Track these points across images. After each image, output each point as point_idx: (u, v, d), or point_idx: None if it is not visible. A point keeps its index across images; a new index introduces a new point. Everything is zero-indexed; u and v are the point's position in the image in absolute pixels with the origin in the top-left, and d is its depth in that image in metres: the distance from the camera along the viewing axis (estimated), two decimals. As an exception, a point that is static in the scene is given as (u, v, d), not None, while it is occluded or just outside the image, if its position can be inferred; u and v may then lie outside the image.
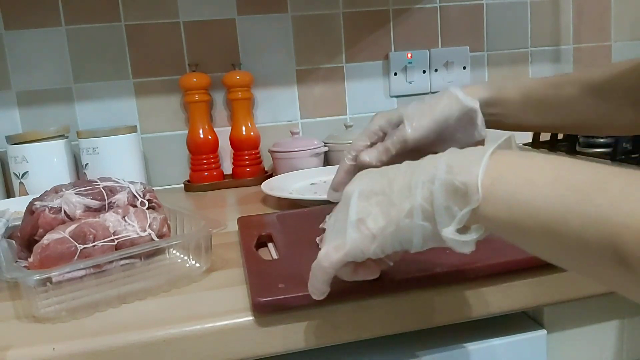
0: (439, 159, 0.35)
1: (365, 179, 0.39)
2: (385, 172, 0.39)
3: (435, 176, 0.34)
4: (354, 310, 0.43)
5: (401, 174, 0.37)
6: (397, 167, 0.38)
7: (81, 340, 0.40)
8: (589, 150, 0.91)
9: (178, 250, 0.56)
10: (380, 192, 0.37)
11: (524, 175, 0.31)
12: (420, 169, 0.35)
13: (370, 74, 1.10)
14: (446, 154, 0.35)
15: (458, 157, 0.34)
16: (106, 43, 0.99)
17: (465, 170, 0.32)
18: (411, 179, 0.35)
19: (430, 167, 0.35)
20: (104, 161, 0.89)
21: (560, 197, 0.28)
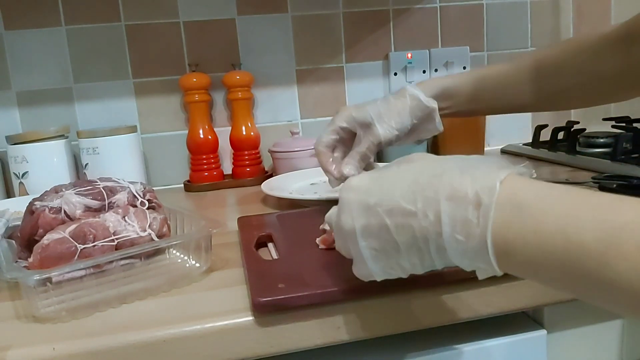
0: (437, 222, 0.32)
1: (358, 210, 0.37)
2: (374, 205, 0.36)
3: (446, 249, 0.32)
4: (354, 310, 0.43)
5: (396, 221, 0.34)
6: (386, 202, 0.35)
7: (81, 340, 0.40)
8: (589, 150, 0.91)
9: (178, 250, 0.56)
10: (384, 240, 0.35)
11: (535, 240, 0.29)
12: (421, 228, 0.33)
13: (370, 74, 1.10)
14: (441, 211, 0.32)
15: (459, 212, 0.31)
16: (106, 43, 0.99)
17: (475, 249, 0.31)
18: (416, 237, 0.34)
19: (433, 233, 0.33)
20: (104, 161, 0.89)
21: (578, 263, 0.27)
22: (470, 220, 0.31)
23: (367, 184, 0.38)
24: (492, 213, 0.30)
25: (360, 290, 0.42)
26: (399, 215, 0.34)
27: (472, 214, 0.31)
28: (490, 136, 1.14)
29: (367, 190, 0.37)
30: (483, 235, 0.30)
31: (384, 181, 0.37)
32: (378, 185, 0.37)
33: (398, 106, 0.63)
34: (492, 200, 0.30)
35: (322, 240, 0.52)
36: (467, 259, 0.32)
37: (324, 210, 0.56)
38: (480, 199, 0.31)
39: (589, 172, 0.83)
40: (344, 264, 0.47)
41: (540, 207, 0.29)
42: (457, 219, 0.31)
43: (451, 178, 0.32)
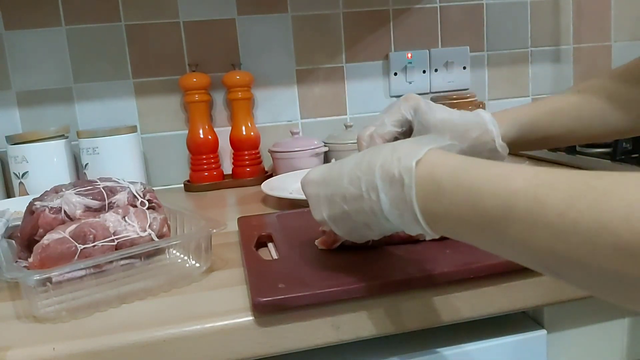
0: (375, 183, 0.38)
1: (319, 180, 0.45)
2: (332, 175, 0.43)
3: (383, 212, 0.38)
4: (354, 310, 0.43)
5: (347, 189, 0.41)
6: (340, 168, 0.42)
7: (81, 340, 0.40)
8: (589, 150, 0.91)
9: (178, 250, 0.56)
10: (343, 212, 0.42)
11: (453, 213, 0.33)
12: (363, 191, 0.39)
13: (370, 74, 1.10)
14: (377, 173, 0.38)
15: (392, 190, 0.37)
16: (106, 43, 0.99)
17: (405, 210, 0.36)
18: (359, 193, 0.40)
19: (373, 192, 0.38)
20: (104, 161, 0.89)
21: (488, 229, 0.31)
22: (400, 197, 0.36)
23: (323, 176, 0.43)
24: (413, 191, 0.35)
25: (360, 290, 0.42)
26: (351, 200, 0.40)
27: (400, 191, 0.36)
28: (490, 136, 1.14)
29: (323, 182, 0.43)
30: (412, 209, 0.35)
31: (335, 171, 0.42)
32: (331, 176, 0.42)
33: (467, 130, 0.53)
34: (412, 180, 0.35)
35: (321, 241, 0.52)
36: (407, 227, 0.37)
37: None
38: (403, 179, 0.35)
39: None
40: (344, 263, 0.47)
41: (453, 183, 0.33)
42: (390, 196, 0.37)
43: (384, 159, 0.37)
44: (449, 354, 0.47)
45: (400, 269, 0.45)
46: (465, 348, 0.48)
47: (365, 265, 0.46)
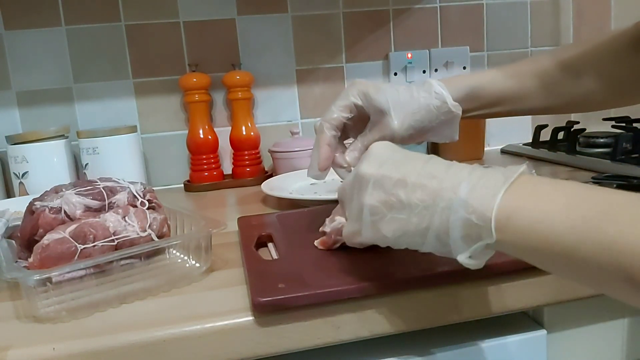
0: (458, 184, 0.36)
1: (379, 164, 0.40)
2: (401, 165, 0.39)
3: (452, 207, 0.35)
4: (354, 310, 0.43)
5: (420, 181, 0.37)
6: (414, 163, 0.39)
7: (81, 340, 0.40)
8: (589, 150, 0.91)
9: (178, 250, 0.56)
10: (396, 197, 0.38)
11: (538, 208, 0.32)
12: (440, 189, 0.36)
13: (370, 74, 1.10)
14: (465, 176, 0.36)
15: (476, 190, 0.35)
16: (106, 43, 0.99)
17: (480, 209, 0.34)
18: (430, 196, 0.36)
19: (449, 192, 0.36)
20: (104, 161, 0.89)
21: (574, 228, 0.30)
22: (488, 187, 0.35)
23: (401, 151, 0.42)
24: (511, 180, 0.34)
25: (359, 290, 0.42)
26: (423, 177, 0.37)
27: (492, 184, 0.35)
28: (490, 136, 1.14)
29: (399, 151, 0.42)
30: (492, 198, 0.34)
31: (418, 156, 0.41)
32: (412, 155, 0.41)
33: (420, 102, 0.56)
34: (514, 174, 0.34)
35: (321, 242, 0.52)
36: (467, 225, 0.34)
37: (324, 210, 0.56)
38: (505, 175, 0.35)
39: (589, 172, 0.83)
40: (343, 263, 0.47)
41: (551, 185, 0.34)
42: (475, 186, 0.35)
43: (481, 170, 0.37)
44: (449, 354, 0.47)
45: (400, 269, 0.45)
46: (465, 348, 0.48)
47: (365, 265, 0.46)
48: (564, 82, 0.61)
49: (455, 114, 0.57)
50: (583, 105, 0.64)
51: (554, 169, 0.89)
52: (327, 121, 0.55)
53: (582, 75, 0.60)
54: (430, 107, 0.56)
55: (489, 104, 0.61)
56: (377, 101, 0.55)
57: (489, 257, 0.37)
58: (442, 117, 0.57)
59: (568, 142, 0.93)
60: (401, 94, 0.56)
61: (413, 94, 0.56)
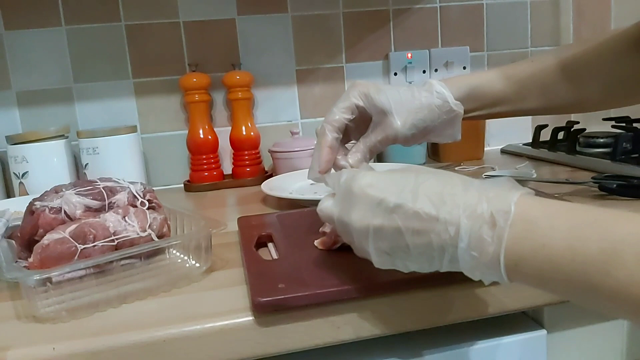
0: (456, 236, 0.34)
1: (373, 210, 0.38)
2: (394, 209, 0.37)
3: (459, 259, 0.35)
4: (354, 310, 0.43)
5: (414, 226, 0.36)
6: (406, 206, 0.36)
7: (81, 340, 0.40)
8: (589, 150, 0.91)
9: (178, 250, 0.56)
10: (397, 245, 0.37)
11: (542, 254, 0.32)
12: (439, 238, 0.35)
13: (370, 74, 1.10)
14: (461, 225, 0.34)
15: (474, 240, 0.34)
16: (106, 43, 0.99)
17: (488, 262, 0.33)
18: (431, 246, 0.36)
19: (450, 245, 0.35)
20: (104, 161, 0.89)
21: (581, 273, 0.30)
22: (485, 239, 0.33)
23: (385, 184, 0.38)
24: (506, 234, 0.32)
25: (360, 290, 0.42)
26: (417, 221, 0.36)
27: (487, 233, 0.33)
28: (490, 136, 1.14)
29: (386, 190, 0.38)
30: (496, 253, 0.33)
31: (404, 185, 0.37)
32: (398, 188, 0.37)
33: (422, 101, 0.55)
34: (507, 223, 0.33)
35: (320, 242, 0.52)
36: (478, 271, 0.35)
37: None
38: (495, 220, 0.33)
39: (589, 172, 0.83)
40: (343, 263, 0.47)
41: (548, 223, 0.32)
42: (473, 236, 0.34)
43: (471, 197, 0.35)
44: (449, 354, 0.47)
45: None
46: (465, 348, 0.48)
47: (365, 265, 0.46)
48: (563, 84, 0.60)
49: (457, 113, 0.57)
50: (583, 106, 0.64)
51: (554, 169, 0.89)
52: (329, 123, 0.55)
53: (581, 77, 0.60)
54: (432, 107, 0.56)
55: (489, 104, 0.60)
56: (379, 101, 0.54)
57: None
58: (444, 116, 0.56)
59: (568, 142, 0.93)
60: (402, 94, 0.55)
61: (414, 93, 0.56)
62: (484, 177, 0.80)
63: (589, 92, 0.61)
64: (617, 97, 0.62)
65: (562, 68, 0.61)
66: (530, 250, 0.32)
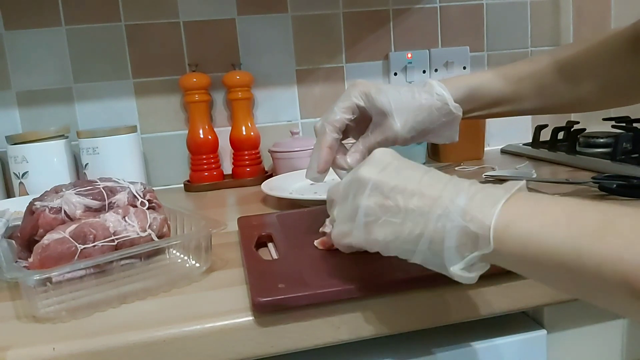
0: (456, 194, 0.35)
1: (380, 169, 0.40)
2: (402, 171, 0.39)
3: (449, 215, 0.34)
4: (354, 310, 0.43)
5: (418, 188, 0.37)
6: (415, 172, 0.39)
7: (81, 340, 0.40)
8: (589, 150, 0.91)
9: (178, 250, 0.56)
10: (393, 201, 0.37)
11: (537, 218, 0.32)
12: (438, 198, 0.36)
13: (370, 74, 1.10)
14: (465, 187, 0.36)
15: (475, 200, 0.34)
16: (106, 43, 0.99)
17: (479, 216, 0.33)
18: (427, 204, 0.36)
19: (447, 200, 0.35)
20: (104, 161, 0.89)
21: (574, 238, 0.30)
22: (488, 197, 0.34)
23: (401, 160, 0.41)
24: (507, 194, 0.34)
25: (360, 290, 0.42)
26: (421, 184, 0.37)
27: (489, 191, 0.35)
28: (490, 136, 1.14)
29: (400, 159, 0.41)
30: (495, 202, 0.33)
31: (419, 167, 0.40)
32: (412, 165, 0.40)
33: (422, 103, 0.56)
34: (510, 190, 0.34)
35: (320, 242, 0.52)
36: (463, 232, 0.34)
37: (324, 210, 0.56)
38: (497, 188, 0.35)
39: (589, 172, 0.83)
40: (343, 263, 0.47)
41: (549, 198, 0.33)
42: (473, 196, 0.35)
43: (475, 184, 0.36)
44: (449, 354, 0.47)
45: (400, 269, 0.45)
46: (465, 348, 0.48)
47: (365, 265, 0.46)
48: (561, 84, 0.61)
49: (456, 115, 0.57)
50: (580, 106, 0.65)
51: (554, 169, 0.89)
52: (330, 123, 0.55)
53: (578, 77, 0.60)
54: (432, 109, 0.56)
55: (488, 104, 0.61)
56: (380, 102, 0.54)
57: (483, 271, 0.36)
58: (444, 118, 0.57)
59: (568, 142, 0.93)
60: (403, 95, 0.55)
61: (415, 95, 0.56)
62: (484, 177, 0.80)
63: (585, 92, 0.61)
64: (614, 97, 0.63)
65: (560, 68, 0.61)
66: (527, 214, 0.32)
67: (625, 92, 0.61)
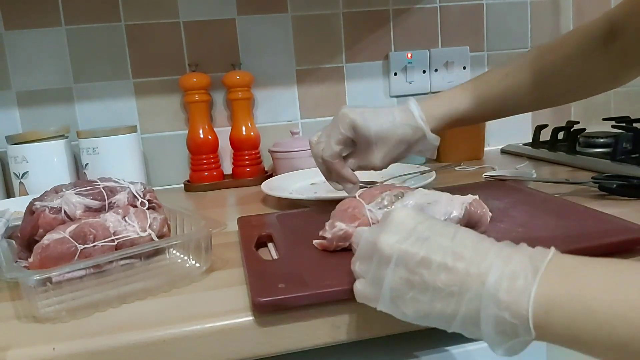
0: (486, 271, 0.32)
1: (403, 237, 0.36)
2: (426, 240, 0.35)
3: (481, 300, 0.32)
4: (354, 310, 0.43)
5: (444, 262, 0.34)
6: (440, 240, 0.35)
7: (81, 340, 0.40)
8: (589, 150, 0.91)
9: (178, 250, 0.56)
10: (419, 276, 0.34)
11: (579, 299, 0.29)
12: (466, 275, 0.32)
13: (370, 74, 1.10)
14: (493, 261, 0.32)
15: (504, 280, 0.31)
16: (106, 43, 0.99)
17: (513, 307, 0.30)
18: (456, 282, 0.33)
19: (477, 282, 0.32)
20: (104, 161, 0.89)
21: (622, 319, 0.28)
22: (518, 276, 0.31)
23: (426, 219, 0.37)
24: (540, 272, 0.31)
25: (360, 290, 0.42)
26: (449, 256, 0.34)
27: (520, 269, 0.31)
28: (490, 136, 1.14)
29: (424, 223, 0.37)
30: (527, 292, 0.30)
31: (445, 226, 0.37)
32: (437, 225, 0.37)
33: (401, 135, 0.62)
34: (544, 262, 0.31)
35: (320, 245, 0.52)
36: (499, 323, 0.31)
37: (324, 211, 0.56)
38: (531, 261, 0.31)
39: (589, 172, 0.83)
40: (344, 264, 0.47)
41: (586, 270, 0.30)
42: (505, 274, 0.31)
43: (507, 248, 0.34)
44: (449, 354, 0.47)
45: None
46: (465, 348, 0.48)
47: (365, 265, 0.46)
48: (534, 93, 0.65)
49: (431, 145, 0.64)
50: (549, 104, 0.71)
51: (554, 169, 0.89)
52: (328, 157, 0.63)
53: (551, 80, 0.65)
54: (411, 141, 0.63)
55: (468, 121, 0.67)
56: (365, 133, 0.62)
57: (528, 346, 0.33)
58: (421, 147, 0.64)
59: (568, 142, 0.93)
60: (383, 122, 0.62)
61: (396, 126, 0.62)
62: (484, 177, 0.80)
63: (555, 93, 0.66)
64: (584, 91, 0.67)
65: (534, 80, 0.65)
66: (565, 294, 0.29)
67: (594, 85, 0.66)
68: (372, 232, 0.38)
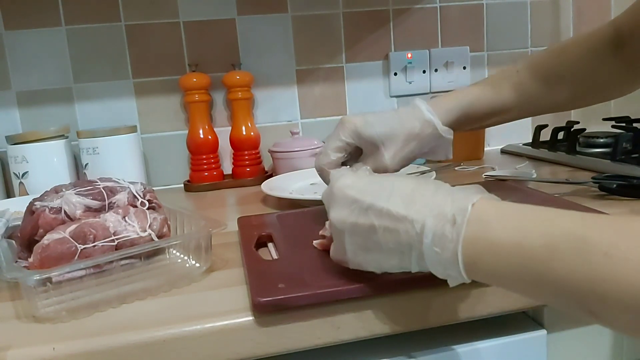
0: (421, 233, 0.36)
1: (349, 209, 0.41)
2: (368, 207, 0.39)
3: (424, 255, 0.37)
4: (354, 310, 0.43)
5: (386, 224, 0.38)
6: (379, 205, 0.39)
7: (81, 340, 0.40)
8: (589, 150, 0.91)
9: (178, 250, 0.56)
10: (371, 241, 0.39)
11: (495, 251, 0.33)
12: (407, 235, 0.37)
13: (370, 74, 1.10)
14: (426, 222, 0.36)
15: (437, 237, 0.36)
16: (106, 43, 0.99)
17: (448, 259, 0.35)
18: (401, 243, 0.38)
19: (417, 241, 0.36)
20: (104, 161, 0.89)
21: (529, 268, 0.31)
22: (447, 235, 0.35)
23: (364, 185, 0.41)
24: (463, 231, 0.34)
25: (360, 290, 0.42)
26: (388, 219, 0.38)
27: (449, 230, 0.35)
28: (490, 136, 1.14)
29: (363, 191, 0.41)
30: (455, 249, 0.35)
31: (381, 187, 0.40)
32: (374, 189, 0.40)
33: (410, 131, 0.58)
34: (464, 220, 0.35)
35: (320, 244, 0.52)
36: (440, 267, 0.36)
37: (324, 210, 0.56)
38: (455, 218, 0.35)
39: (589, 172, 0.83)
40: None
41: (500, 224, 0.34)
42: (436, 233, 0.36)
43: (439, 198, 0.37)
44: (449, 354, 0.47)
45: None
46: (465, 348, 0.48)
47: (365, 265, 0.46)
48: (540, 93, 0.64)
49: (446, 139, 0.60)
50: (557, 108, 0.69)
51: (554, 169, 0.89)
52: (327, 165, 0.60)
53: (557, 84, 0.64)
54: (421, 136, 0.59)
55: (478, 120, 0.65)
56: (367, 135, 0.59)
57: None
58: (433, 143, 0.60)
59: (568, 142, 0.93)
60: (391, 124, 0.59)
61: (402, 122, 0.59)
62: (484, 177, 0.80)
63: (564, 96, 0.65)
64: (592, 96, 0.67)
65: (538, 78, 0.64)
66: (484, 248, 0.34)
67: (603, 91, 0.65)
68: (326, 204, 0.44)
